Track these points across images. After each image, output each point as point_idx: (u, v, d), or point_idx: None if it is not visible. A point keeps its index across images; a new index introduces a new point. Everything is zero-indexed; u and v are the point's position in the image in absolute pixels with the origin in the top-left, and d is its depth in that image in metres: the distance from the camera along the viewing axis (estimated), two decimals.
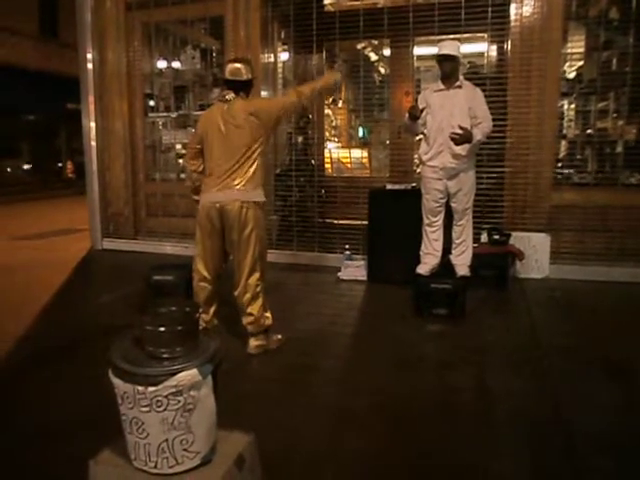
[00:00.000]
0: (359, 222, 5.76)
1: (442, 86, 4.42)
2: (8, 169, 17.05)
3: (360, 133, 9.74)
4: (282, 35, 6.85)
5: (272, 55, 6.63)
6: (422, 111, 4.34)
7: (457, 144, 4.20)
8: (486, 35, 5.97)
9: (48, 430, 2.57)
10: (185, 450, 1.63)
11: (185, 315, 1.72)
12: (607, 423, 2.63)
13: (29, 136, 17.66)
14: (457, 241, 4.59)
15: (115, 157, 7.07)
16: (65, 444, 2.42)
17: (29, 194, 14.59)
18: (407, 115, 4.42)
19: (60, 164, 19.06)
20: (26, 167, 17.71)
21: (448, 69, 4.33)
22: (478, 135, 4.18)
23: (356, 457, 2.37)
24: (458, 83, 4.36)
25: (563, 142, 5.88)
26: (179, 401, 1.58)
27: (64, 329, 4.08)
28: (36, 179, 17.04)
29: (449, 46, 4.32)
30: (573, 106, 5.88)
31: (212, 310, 3.65)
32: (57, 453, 2.36)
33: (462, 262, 4.58)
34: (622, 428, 2.59)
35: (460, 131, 4.12)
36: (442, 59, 4.32)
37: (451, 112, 4.32)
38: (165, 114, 7.14)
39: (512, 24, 5.37)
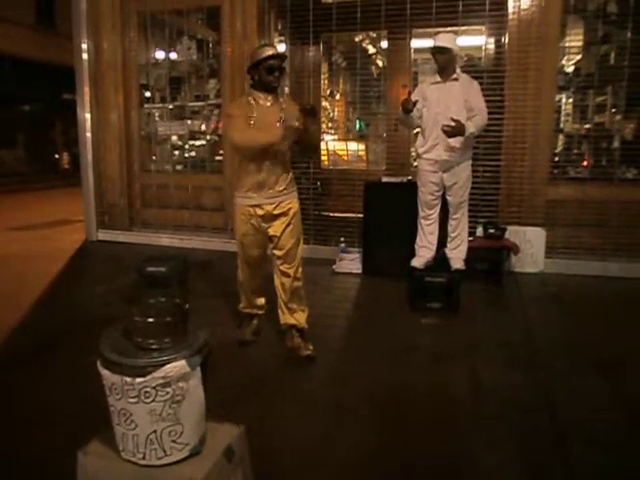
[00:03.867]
0: (354, 215, 5.74)
1: (439, 79, 4.40)
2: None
3: (357, 126, 9.70)
4: (279, 26, 6.80)
5: None
6: (415, 104, 4.32)
7: (449, 137, 4.19)
8: (484, 28, 5.94)
9: (39, 419, 2.57)
10: (174, 441, 1.62)
11: (174, 306, 1.70)
12: (598, 417, 2.63)
13: (25, 126, 17.56)
14: (452, 235, 4.58)
15: (110, 148, 7.03)
16: (55, 433, 2.42)
17: (25, 185, 14.52)
18: (400, 109, 4.42)
19: (56, 155, 18.97)
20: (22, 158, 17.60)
21: (441, 62, 4.31)
22: (471, 128, 4.15)
23: (348, 450, 2.37)
24: (454, 76, 4.34)
25: (560, 136, 5.86)
26: (167, 392, 1.57)
27: (58, 319, 4.07)
28: (32, 170, 16.95)
29: (443, 38, 4.29)
30: (570, 100, 5.85)
31: None
32: (46, 442, 2.36)
33: (457, 255, 4.57)
34: (613, 422, 2.60)
35: (453, 123, 4.10)
36: (435, 51, 4.31)
37: (447, 105, 4.30)
38: (161, 105, 7.10)
39: (510, 17, 5.35)
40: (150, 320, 1.62)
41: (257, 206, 3.25)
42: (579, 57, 5.73)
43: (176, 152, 7.30)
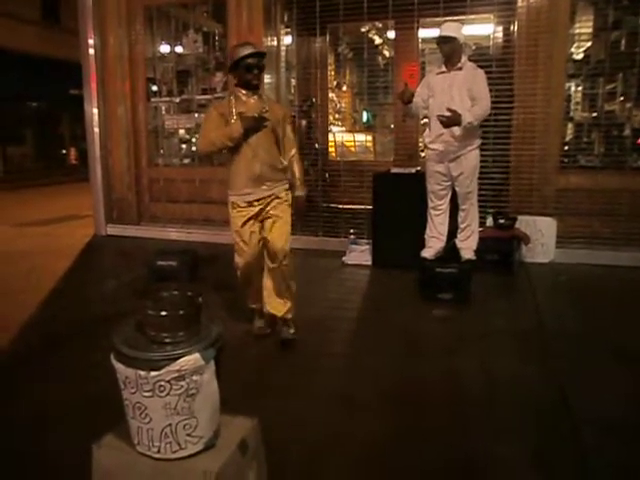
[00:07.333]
0: (363, 206, 5.72)
1: (445, 69, 4.37)
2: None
3: (364, 117, 9.65)
4: (285, 18, 6.76)
5: (275, 39, 6.54)
6: (413, 95, 4.34)
7: (445, 127, 4.18)
8: (492, 16, 5.88)
9: (50, 415, 2.58)
10: (188, 435, 1.62)
11: (187, 299, 1.69)
12: (612, 408, 2.61)
13: (32, 123, 17.59)
14: (462, 225, 4.55)
15: (118, 143, 7.04)
16: (67, 429, 2.42)
17: (33, 180, 14.56)
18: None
19: (64, 150, 19.02)
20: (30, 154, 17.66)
21: (446, 51, 4.29)
22: (468, 118, 4.10)
23: (360, 444, 2.36)
24: (459, 65, 4.30)
25: (570, 125, 5.81)
26: (182, 386, 1.57)
27: (68, 315, 4.08)
28: (40, 166, 17.00)
29: (447, 28, 4.27)
30: (580, 88, 5.79)
31: None
32: (58, 438, 2.36)
33: (467, 246, 4.55)
34: (627, 413, 2.57)
35: (448, 114, 4.07)
36: (440, 41, 4.28)
37: (451, 95, 4.27)
38: (168, 99, 7.09)
39: (519, 4, 5.29)
40: (164, 313, 1.61)
41: (252, 202, 3.26)
42: (589, 44, 5.66)
43: (183, 145, 7.29)
